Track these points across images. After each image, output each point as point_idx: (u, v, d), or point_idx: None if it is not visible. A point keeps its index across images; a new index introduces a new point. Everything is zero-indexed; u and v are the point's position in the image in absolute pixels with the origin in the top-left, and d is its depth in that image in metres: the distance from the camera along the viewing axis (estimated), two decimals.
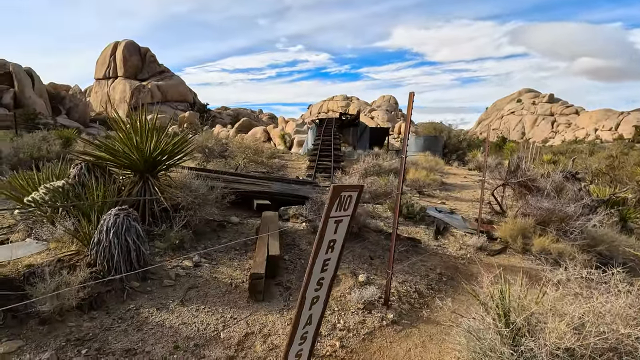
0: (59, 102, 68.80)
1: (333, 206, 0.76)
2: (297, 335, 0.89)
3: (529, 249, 5.62)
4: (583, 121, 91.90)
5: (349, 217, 0.82)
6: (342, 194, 0.77)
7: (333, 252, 0.95)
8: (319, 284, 0.95)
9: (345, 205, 0.80)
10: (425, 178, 9.54)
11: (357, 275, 3.64)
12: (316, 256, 1.05)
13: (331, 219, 0.78)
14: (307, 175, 9.84)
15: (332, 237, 0.80)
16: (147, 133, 3.81)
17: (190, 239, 3.84)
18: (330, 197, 0.71)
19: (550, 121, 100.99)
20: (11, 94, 58.00)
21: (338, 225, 0.80)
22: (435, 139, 20.41)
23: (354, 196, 0.80)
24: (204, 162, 8.70)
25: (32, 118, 47.78)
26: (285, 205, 5.60)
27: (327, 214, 0.74)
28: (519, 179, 6.73)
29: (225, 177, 6.11)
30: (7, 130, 41.48)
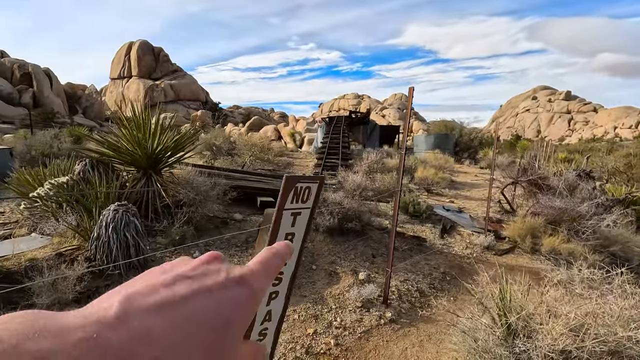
0: (75, 101, 70.59)
1: (287, 198, 0.73)
2: (254, 331, 0.87)
3: (538, 248, 5.48)
4: (602, 119, 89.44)
5: (308, 209, 0.78)
6: (298, 185, 0.74)
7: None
8: (277, 279, 0.91)
9: (304, 197, 0.77)
10: (434, 176, 9.41)
11: (357, 274, 3.61)
12: None
13: (286, 210, 0.75)
14: (314, 173, 9.82)
15: (290, 230, 0.76)
16: (149, 130, 3.84)
17: (192, 235, 3.87)
18: (283, 189, 0.68)
19: (567, 119, 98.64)
20: (30, 94, 59.72)
21: (296, 218, 0.76)
22: (446, 137, 20.14)
23: (313, 188, 0.77)
24: (212, 159, 8.78)
25: (50, 117, 49.08)
26: None
27: (281, 205, 0.71)
28: (529, 177, 6.57)
29: (231, 175, 6.14)
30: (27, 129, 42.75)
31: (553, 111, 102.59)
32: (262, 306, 1.08)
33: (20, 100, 56.45)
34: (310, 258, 3.87)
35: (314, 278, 3.45)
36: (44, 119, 47.60)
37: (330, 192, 4.57)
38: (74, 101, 70.08)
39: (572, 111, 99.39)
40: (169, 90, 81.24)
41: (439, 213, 7.19)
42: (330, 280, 3.44)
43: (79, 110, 68.70)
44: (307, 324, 2.67)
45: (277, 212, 0.77)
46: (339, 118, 22.47)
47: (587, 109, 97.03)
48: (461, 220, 6.98)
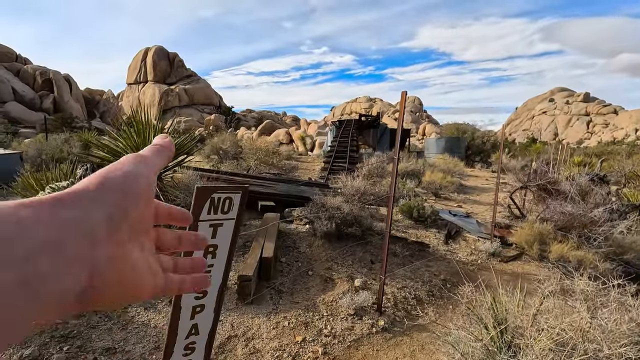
0: (93, 106, 72.52)
1: (202, 209, 0.71)
2: (178, 345, 0.84)
3: (546, 256, 5.31)
4: (622, 121, 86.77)
5: (232, 220, 0.75)
6: (215, 195, 0.71)
7: (216, 258, 0.87)
8: (201, 292, 0.88)
9: (224, 207, 0.74)
10: (442, 180, 9.27)
11: (353, 280, 3.56)
12: None
13: (203, 222, 0.72)
14: (320, 177, 9.80)
15: (211, 242, 0.74)
16: (148, 134, 3.89)
17: None
18: (195, 200, 0.66)
19: (585, 121, 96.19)
20: (51, 99, 61.69)
21: (217, 230, 0.73)
22: (458, 140, 19.86)
23: (234, 198, 0.74)
24: (218, 163, 8.85)
25: (69, 122, 50.64)
26: (292, 206, 5.59)
27: (196, 217, 0.69)
28: (538, 182, 6.39)
29: (233, 179, 6.18)
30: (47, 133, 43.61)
31: (571, 113, 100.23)
32: (186, 320, 1.05)
33: (42, 105, 58.46)
34: (307, 264, 3.84)
35: (308, 284, 3.42)
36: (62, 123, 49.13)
37: (330, 196, 4.53)
38: (92, 106, 72.10)
39: (591, 113, 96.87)
40: (184, 95, 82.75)
41: (444, 218, 7.06)
42: (325, 286, 3.40)
43: (97, 115, 70.58)
44: (296, 331, 2.63)
45: (192, 224, 0.75)
46: (349, 121, 22.43)
47: (606, 111, 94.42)
48: (468, 225, 6.84)
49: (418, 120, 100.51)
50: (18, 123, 52.91)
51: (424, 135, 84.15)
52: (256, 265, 3.12)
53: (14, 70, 60.60)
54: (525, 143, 41.32)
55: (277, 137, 59.26)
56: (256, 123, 79.37)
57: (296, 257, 3.98)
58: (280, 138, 56.36)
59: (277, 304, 3.01)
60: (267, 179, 6.88)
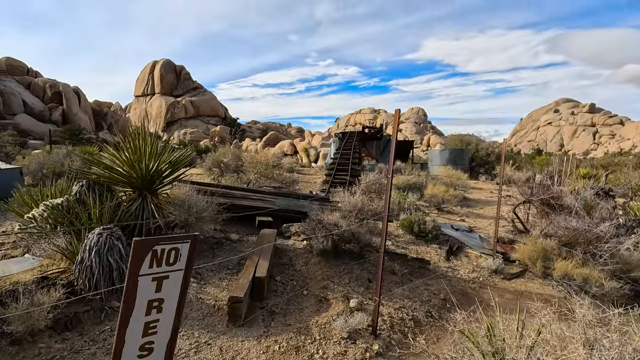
0: (101, 118, 73.81)
1: (143, 262, 0.65)
2: None
3: (550, 273, 5.17)
4: (629, 132, 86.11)
5: (180, 271, 0.69)
6: (158, 247, 0.66)
7: (162, 312, 0.80)
8: (144, 349, 0.81)
9: (169, 259, 0.68)
10: (444, 194, 9.16)
11: (349, 300, 3.47)
12: (126, 319, 0.85)
13: (144, 277, 0.66)
14: (321, 190, 9.74)
15: (154, 297, 0.68)
16: (144, 152, 3.89)
17: None
18: (133, 254, 0.61)
19: (591, 132, 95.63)
20: (60, 111, 62.87)
21: (162, 283, 0.67)
22: (462, 151, 19.75)
23: (182, 248, 0.68)
24: (219, 176, 8.85)
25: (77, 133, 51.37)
26: (291, 221, 5.53)
27: (133, 271, 0.63)
28: (541, 197, 6.27)
29: (232, 193, 6.14)
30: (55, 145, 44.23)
31: (576, 124, 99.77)
32: None
33: (51, 118, 59.44)
34: (302, 282, 3.76)
35: (302, 305, 3.34)
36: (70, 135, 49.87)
37: (327, 212, 4.47)
38: (100, 118, 73.31)
39: (597, 124, 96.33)
40: (190, 107, 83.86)
41: (446, 233, 6.95)
42: (320, 307, 3.32)
43: (105, 127, 71.71)
44: (286, 356, 2.55)
45: (127, 279, 0.69)
46: (352, 133, 22.45)
47: (613, 122, 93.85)
48: (470, 240, 6.71)
49: (422, 131, 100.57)
50: (27, 135, 53.82)
51: (428, 146, 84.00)
52: (248, 286, 3.06)
53: (25, 84, 61.90)
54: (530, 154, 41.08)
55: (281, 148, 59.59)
56: (261, 134, 79.91)
57: (291, 276, 3.90)
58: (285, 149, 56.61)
59: (269, 327, 2.93)
60: (266, 193, 6.84)
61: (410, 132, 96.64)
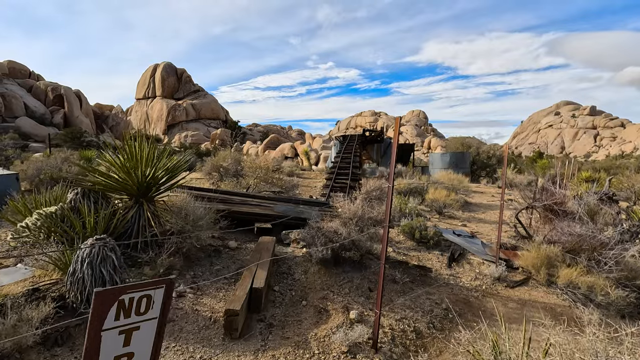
0: (103, 121, 73.91)
1: (107, 315, 0.56)
2: None
3: (555, 281, 5.08)
4: (630, 134, 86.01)
5: (154, 320, 0.60)
6: (125, 296, 0.57)
7: None
8: None
9: (140, 308, 0.59)
10: (446, 198, 9.07)
11: (349, 311, 3.38)
12: None
13: (109, 331, 0.57)
14: (321, 195, 9.66)
15: (122, 352, 0.59)
16: (140, 159, 3.82)
17: (181, 266, 3.76)
18: (94, 306, 0.53)
19: (592, 134, 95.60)
20: (61, 114, 63.03)
21: (131, 335, 0.58)
22: (462, 155, 19.67)
23: (155, 295, 0.59)
24: (219, 181, 8.78)
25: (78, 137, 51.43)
26: (290, 228, 5.45)
27: (94, 326, 0.54)
28: (544, 202, 6.18)
29: (231, 199, 6.07)
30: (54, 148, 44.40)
31: (577, 127, 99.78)
32: None
33: (52, 120, 59.67)
34: (301, 292, 3.68)
35: (301, 316, 3.25)
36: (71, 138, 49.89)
37: (327, 219, 4.39)
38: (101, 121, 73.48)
39: (598, 126, 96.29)
40: (191, 110, 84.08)
41: (448, 238, 6.86)
42: (319, 318, 3.23)
43: (106, 129, 71.80)
44: None
45: (88, 333, 0.59)
46: (352, 137, 22.38)
47: (614, 124, 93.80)
48: (472, 246, 6.62)
49: (423, 134, 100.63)
50: (29, 138, 53.94)
51: (429, 148, 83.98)
52: (245, 297, 2.97)
53: (27, 87, 62.18)
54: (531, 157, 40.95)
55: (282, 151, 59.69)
56: (262, 137, 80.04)
57: (290, 285, 3.81)
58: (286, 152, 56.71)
59: (266, 340, 2.84)
60: (266, 198, 6.77)
61: (411, 134, 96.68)
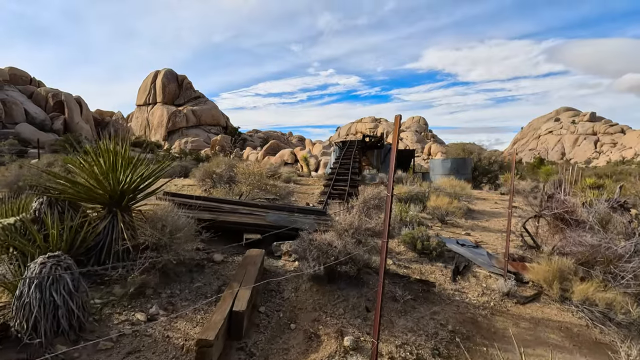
0: (103, 127, 74.05)
1: None
2: None
3: (569, 296, 4.67)
4: (630, 140, 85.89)
5: None
6: None
7: None
8: None
9: None
10: (448, 206, 8.69)
11: (343, 336, 2.98)
12: None
13: None
14: (318, 202, 9.29)
15: None
16: (112, 163, 3.46)
17: (156, 283, 3.37)
18: None
19: (592, 141, 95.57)
20: (62, 120, 63.03)
21: None
22: (464, 161, 19.33)
23: None
24: (211, 187, 8.41)
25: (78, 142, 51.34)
26: (282, 239, 5.05)
27: None
28: (554, 211, 5.80)
29: (220, 207, 5.69)
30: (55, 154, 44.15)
31: (577, 133, 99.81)
32: None
33: (53, 127, 59.60)
34: (290, 314, 3.28)
35: (289, 343, 2.85)
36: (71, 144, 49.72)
37: (321, 229, 4.01)
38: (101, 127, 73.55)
39: (598, 132, 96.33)
40: (191, 116, 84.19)
41: (452, 249, 6.47)
42: (309, 346, 2.84)
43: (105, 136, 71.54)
44: None
45: None
46: (352, 142, 22.07)
47: (614, 130, 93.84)
48: (478, 258, 6.23)
49: (423, 140, 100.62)
50: (28, 144, 53.80)
51: (429, 154, 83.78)
52: (223, 323, 2.58)
53: (28, 93, 62.28)
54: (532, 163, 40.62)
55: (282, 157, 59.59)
56: (262, 143, 79.99)
57: (278, 305, 3.42)
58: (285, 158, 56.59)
59: None
60: (258, 206, 6.39)
61: (411, 140, 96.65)
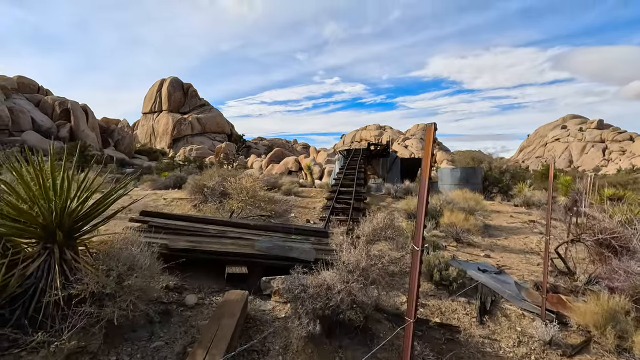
0: (108, 135, 74.05)
1: None
2: None
3: (628, 347, 3.76)
4: (639, 148, 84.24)
5: None
6: None
7: None
8: None
9: None
10: (464, 223, 7.81)
11: None
12: None
13: None
14: (320, 218, 8.45)
15: None
16: (48, 186, 2.68)
17: (99, 346, 2.55)
18: None
19: (600, 148, 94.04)
20: (67, 128, 63.17)
21: None
22: (474, 170, 18.41)
23: None
24: (202, 203, 7.61)
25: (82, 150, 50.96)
26: (276, 271, 4.19)
27: None
28: (598, 236, 4.90)
29: (205, 230, 4.88)
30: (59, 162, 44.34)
31: (585, 140, 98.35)
32: None
33: (58, 134, 59.64)
34: None
35: None
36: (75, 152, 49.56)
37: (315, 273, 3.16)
38: (107, 135, 73.53)
39: (606, 140, 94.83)
40: (196, 124, 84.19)
41: (472, 276, 5.59)
42: None
43: (111, 143, 71.84)
44: None
45: None
46: (357, 150, 21.27)
47: (622, 138, 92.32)
48: (504, 289, 5.33)
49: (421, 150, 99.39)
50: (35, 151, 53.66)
51: (434, 162, 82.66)
52: None
53: (35, 101, 62.58)
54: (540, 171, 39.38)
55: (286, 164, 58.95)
56: (267, 150, 79.54)
57: None
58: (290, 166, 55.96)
59: None
60: (250, 227, 5.58)
61: (416, 148, 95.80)
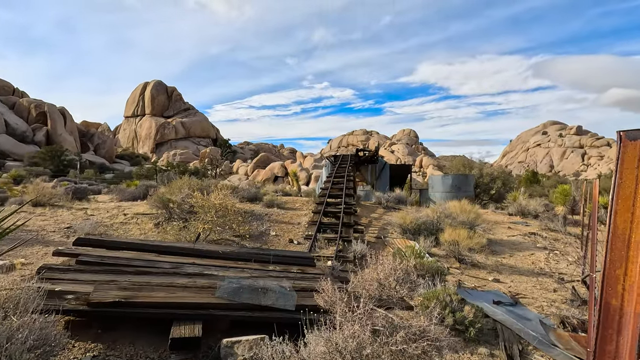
0: (88, 139, 71.12)
1: None
2: None
3: None
4: None
5: None
6: None
7: None
8: None
9: None
10: (468, 241, 6.92)
11: None
12: None
13: None
14: (305, 237, 7.41)
15: None
16: None
17: None
18: None
19: (580, 153, 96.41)
20: (44, 132, 60.27)
21: None
22: (466, 177, 17.72)
23: None
24: (166, 221, 6.44)
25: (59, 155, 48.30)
26: (247, 326, 3.15)
27: None
28: None
29: (156, 264, 3.78)
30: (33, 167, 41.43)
31: (565, 146, 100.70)
32: None
33: (34, 139, 56.79)
34: None
35: None
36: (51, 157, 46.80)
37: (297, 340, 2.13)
38: (87, 139, 70.60)
39: (585, 146, 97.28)
40: (180, 128, 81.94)
41: (488, 313, 4.65)
42: None
43: (91, 148, 69.02)
44: None
45: None
46: (345, 157, 20.33)
47: (600, 144, 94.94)
48: (527, 329, 4.40)
49: (414, 153, 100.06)
50: (7, 156, 50.81)
51: (420, 167, 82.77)
52: None
53: (10, 104, 59.62)
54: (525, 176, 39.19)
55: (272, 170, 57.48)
56: (253, 155, 78.06)
57: None
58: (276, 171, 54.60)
59: None
60: (217, 255, 4.51)
61: (403, 153, 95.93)
